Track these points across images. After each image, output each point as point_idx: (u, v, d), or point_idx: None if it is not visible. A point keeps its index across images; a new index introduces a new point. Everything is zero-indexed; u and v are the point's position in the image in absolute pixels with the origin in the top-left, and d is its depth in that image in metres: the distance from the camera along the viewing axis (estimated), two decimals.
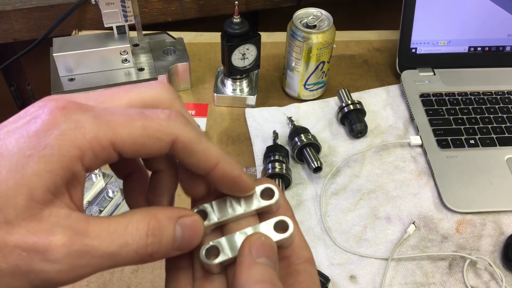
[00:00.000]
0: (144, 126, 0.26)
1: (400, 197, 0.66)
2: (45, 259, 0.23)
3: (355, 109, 0.74)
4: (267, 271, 0.26)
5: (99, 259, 0.24)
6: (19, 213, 0.23)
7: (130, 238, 0.25)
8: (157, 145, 0.26)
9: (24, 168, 0.23)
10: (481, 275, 0.59)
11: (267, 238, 0.28)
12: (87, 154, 0.24)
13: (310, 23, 0.73)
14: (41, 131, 0.24)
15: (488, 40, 0.83)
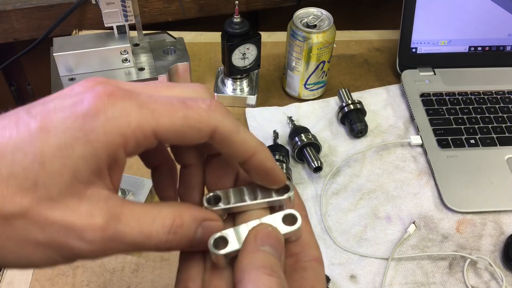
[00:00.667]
0: (185, 116, 0.26)
1: (401, 197, 0.66)
2: (81, 238, 0.25)
3: (355, 109, 0.74)
4: (270, 259, 0.26)
5: (126, 245, 0.26)
6: (63, 191, 0.24)
7: (155, 232, 0.26)
8: (197, 135, 0.27)
9: (71, 149, 0.24)
10: (482, 275, 0.59)
11: (274, 229, 0.28)
12: (130, 142, 0.25)
13: (311, 23, 0.73)
14: (88, 115, 0.25)
15: (489, 39, 0.83)
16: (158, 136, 0.26)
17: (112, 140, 0.25)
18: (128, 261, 0.59)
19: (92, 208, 0.25)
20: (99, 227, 0.25)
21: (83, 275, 0.57)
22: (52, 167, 0.24)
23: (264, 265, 0.26)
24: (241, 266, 0.26)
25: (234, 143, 0.28)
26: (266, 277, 0.25)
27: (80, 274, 0.57)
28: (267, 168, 0.29)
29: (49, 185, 0.24)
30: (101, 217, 0.25)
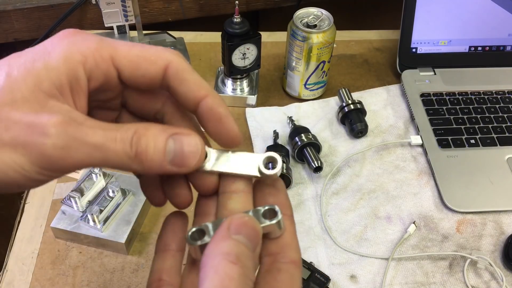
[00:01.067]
0: (141, 50, 0.29)
1: (401, 197, 0.66)
2: (43, 133, 0.25)
3: (355, 109, 0.74)
4: (239, 247, 0.26)
5: (90, 148, 0.26)
6: (25, 95, 0.26)
7: (119, 135, 0.27)
8: (152, 68, 0.29)
9: (34, 64, 0.27)
10: (482, 275, 0.59)
11: (251, 219, 0.27)
12: (88, 61, 0.27)
13: (311, 23, 0.73)
14: (54, 41, 0.28)
15: (489, 39, 0.83)
16: (115, 62, 0.28)
17: (71, 56, 0.27)
18: (128, 261, 0.59)
19: (54, 112, 0.26)
20: (58, 122, 0.25)
21: (83, 275, 0.57)
22: (16, 75, 0.26)
23: (230, 252, 0.25)
24: (206, 251, 0.26)
25: (187, 81, 0.29)
26: (229, 264, 0.25)
27: (80, 274, 0.57)
28: (220, 113, 0.29)
29: (13, 89, 0.26)
30: (62, 117, 0.26)
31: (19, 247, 0.60)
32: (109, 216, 0.59)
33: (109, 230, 0.58)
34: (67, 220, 0.59)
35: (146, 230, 0.62)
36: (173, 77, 0.29)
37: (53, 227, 0.59)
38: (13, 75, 0.26)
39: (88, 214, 0.57)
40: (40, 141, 0.25)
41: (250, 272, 0.25)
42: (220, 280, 0.24)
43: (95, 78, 0.28)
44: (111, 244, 0.58)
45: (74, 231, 0.58)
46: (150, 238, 0.61)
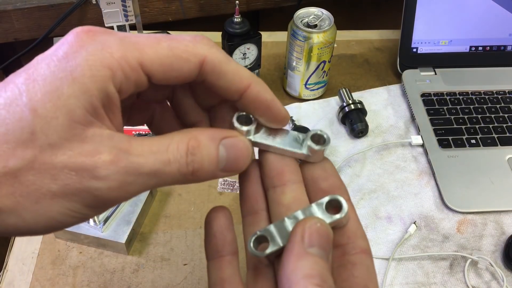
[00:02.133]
0: (170, 47, 0.25)
1: (401, 197, 0.66)
2: (94, 176, 0.23)
3: (356, 109, 0.74)
4: (319, 264, 0.24)
5: (145, 177, 0.24)
6: (62, 134, 0.23)
7: (172, 157, 0.25)
8: (185, 67, 0.26)
9: (59, 90, 0.23)
10: (482, 275, 0.59)
11: (323, 224, 0.25)
12: (117, 74, 0.24)
13: (311, 23, 0.73)
14: (69, 53, 0.24)
15: (490, 39, 0.83)
16: (145, 68, 0.25)
17: (98, 73, 0.24)
18: (128, 261, 0.59)
19: (97, 146, 0.24)
20: (109, 161, 0.24)
21: (83, 275, 0.57)
22: (44, 111, 0.23)
23: (313, 274, 0.23)
24: (287, 273, 0.24)
25: (226, 73, 0.27)
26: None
27: (81, 274, 0.57)
28: (267, 99, 0.28)
29: (46, 130, 0.23)
30: (108, 152, 0.24)
31: (19, 247, 0.60)
32: (109, 216, 0.59)
33: (109, 230, 0.58)
34: None
35: (146, 230, 0.62)
36: (210, 72, 0.26)
37: None
38: (40, 112, 0.23)
39: None
40: (92, 186, 0.23)
41: (332, 284, 0.24)
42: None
43: (125, 89, 0.25)
44: (111, 244, 0.58)
45: (74, 231, 0.58)
46: (151, 238, 0.61)
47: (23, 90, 0.23)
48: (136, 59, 0.25)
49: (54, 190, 0.23)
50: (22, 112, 0.23)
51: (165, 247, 0.60)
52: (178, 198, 0.65)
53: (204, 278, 0.57)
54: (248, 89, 0.27)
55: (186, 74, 0.26)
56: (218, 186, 0.67)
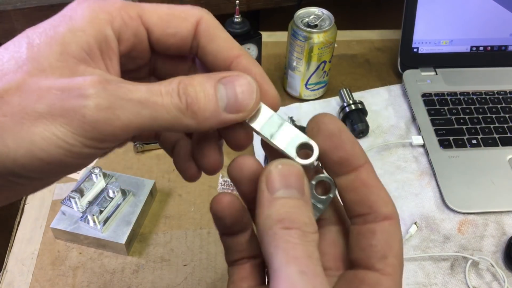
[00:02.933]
0: (169, 7, 0.27)
1: (402, 197, 0.66)
2: (81, 94, 0.22)
3: (356, 109, 0.73)
4: (286, 206, 0.23)
5: (136, 104, 0.23)
6: (53, 63, 0.23)
7: (164, 89, 0.24)
8: (183, 25, 0.27)
9: (57, 28, 0.24)
10: (483, 276, 0.59)
11: (286, 164, 0.25)
12: (116, 19, 0.25)
13: (312, 23, 0.73)
14: (74, 5, 0.25)
15: (491, 39, 0.82)
16: (144, 20, 0.26)
17: (96, 15, 0.24)
18: (128, 262, 0.58)
19: (87, 77, 0.23)
20: (97, 81, 0.23)
21: (83, 276, 0.57)
22: (39, 43, 0.24)
23: (280, 218, 0.23)
24: (259, 226, 0.24)
25: (218, 38, 0.27)
26: (284, 233, 0.23)
27: (80, 275, 0.57)
28: (255, 73, 0.27)
29: (39, 57, 0.23)
30: (98, 78, 0.23)
31: (19, 247, 0.60)
32: (109, 217, 0.58)
33: (109, 230, 0.58)
34: (67, 221, 0.59)
35: (146, 231, 0.62)
36: (204, 33, 0.27)
37: (53, 227, 0.58)
38: (35, 43, 0.23)
39: (88, 214, 0.57)
40: (80, 104, 0.22)
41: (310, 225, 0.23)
42: (285, 254, 0.22)
43: (125, 38, 0.26)
44: (111, 244, 0.58)
45: (74, 232, 0.58)
46: (150, 239, 0.61)
47: (25, 33, 0.25)
48: (135, 11, 0.26)
49: (39, 110, 0.22)
50: (20, 47, 0.24)
51: (165, 248, 0.60)
52: (178, 198, 0.65)
53: (204, 279, 0.57)
54: (237, 59, 0.27)
55: (183, 32, 0.27)
56: (219, 187, 0.67)
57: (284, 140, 0.27)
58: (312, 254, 0.23)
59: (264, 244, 0.23)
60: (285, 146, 0.26)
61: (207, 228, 0.62)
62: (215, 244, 0.60)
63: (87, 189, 0.60)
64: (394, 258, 0.25)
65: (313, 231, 0.23)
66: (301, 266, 0.22)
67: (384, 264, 0.25)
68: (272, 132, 0.27)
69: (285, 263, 0.22)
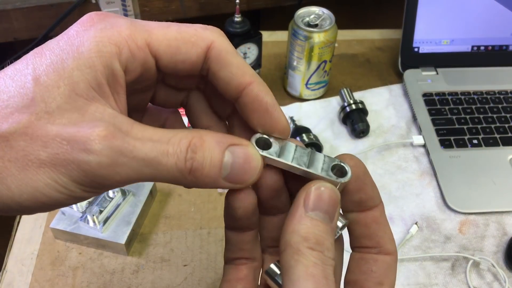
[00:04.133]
0: (179, 31, 0.26)
1: (403, 197, 0.66)
2: (85, 149, 0.22)
3: (357, 109, 0.73)
4: (317, 228, 0.25)
5: (139, 162, 0.23)
6: (61, 104, 0.23)
7: (171, 149, 0.24)
8: (193, 51, 0.25)
9: (64, 62, 0.23)
10: (484, 276, 0.59)
11: (328, 188, 0.26)
12: (123, 52, 0.24)
13: (312, 22, 0.73)
14: (79, 31, 0.24)
15: (492, 39, 0.82)
16: (152, 48, 0.25)
17: (104, 49, 0.24)
18: (128, 262, 0.58)
19: (96, 121, 0.23)
20: (103, 135, 0.22)
21: (83, 276, 0.57)
22: (47, 80, 0.23)
23: (308, 237, 0.24)
24: (285, 236, 0.25)
25: (230, 64, 0.26)
26: (308, 251, 0.24)
27: (80, 275, 0.57)
28: (267, 102, 0.27)
29: (46, 98, 0.23)
30: (105, 128, 0.23)
31: (18, 248, 0.59)
32: (109, 217, 0.58)
33: (109, 231, 0.58)
34: (66, 221, 0.58)
35: (146, 231, 0.61)
36: (215, 59, 0.26)
37: (52, 227, 0.58)
38: (42, 81, 0.23)
39: (88, 214, 0.57)
40: (83, 159, 0.22)
41: (329, 252, 0.25)
42: (305, 269, 0.24)
43: (132, 69, 0.25)
44: (111, 245, 0.58)
45: (74, 232, 0.58)
46: (150, 239, 0.61)
47: (30, 62, 0.24)
48: (143, 39, 0.25)
49: (42, 158, 0.22)
50: (26, 81, 0.23)
51: (165, 248, 0.60)
52: (178, 198, 0.65)
53: (204, 279, 0.57)
54: (249, 86, 0.26)
55: (193, 59, 0.26)
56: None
57: (318, 166, 0.27)
58: (328, 276, 0.24)
59: (285, 254, 0.24)
60: (320, 172, 0.27)
61: (207, 228, 0.62)
62: (215, 244, 0.60)
63: None
64: (388, 287, 0.28)
65: (332, 257, 0.25)
66: (317, 284, 0.23)
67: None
68: (305, 162, 0.27)
69: (303, 277, 0.23)
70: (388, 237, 0.28)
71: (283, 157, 0.27)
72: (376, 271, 0.27)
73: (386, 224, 0.28)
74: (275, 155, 0.26)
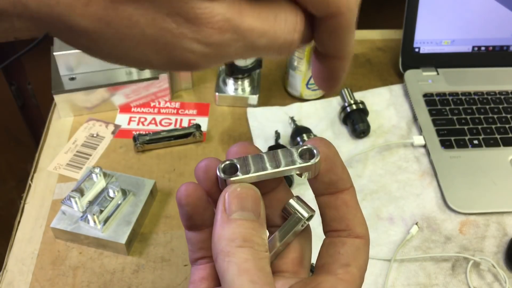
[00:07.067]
0: None
1: (403, 198, 0.66)
2: (197, 39, 0.20)
3: (357, 109, 0.73)
4: (242, 227, 0.25)
5: (245, 48, 0.22)
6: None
7: (279, 31, 0.22)
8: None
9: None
10: (485, 277, 0.59)
11: (244, 187, 0.26)
12: None
13: None
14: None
15: (492, 39, 0.82)
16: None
17: None
18: (128, 262, 0.58)
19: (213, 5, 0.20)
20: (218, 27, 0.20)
21: (83, 275, 0.57)
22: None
23: (234, 237, 0.24)
24: (214, 243, 0.25)
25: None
26: (237, 250, 0.24)
27: (80, 275, 0.57)
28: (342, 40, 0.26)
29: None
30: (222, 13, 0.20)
31: (19, 247, 0.59)
32: (109, 217, 0.58)
33: (109, 230, 0.58)
34: (67, 221, 0.58)
35: (147, 231, 0.61)
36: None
37: (53, 227, 0.58)
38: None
39: (88, 214, 0.57)
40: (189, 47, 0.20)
41: (260, 245, 0.25)
42: (237, 267, 0.24)
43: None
44: (111, 244, 0.58)
45: (74, 232, 0.58)
46: (151, 239, 0.61)
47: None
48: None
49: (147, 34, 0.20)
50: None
51: (166, 248, 0.60)
52: None
53: None
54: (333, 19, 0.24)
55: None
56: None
57: (287, 160, 0.27)
58: (263, 268, 0.24)
59: (218, 261, 0.25)
60: (291, 164, 0.27)
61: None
62: None
63: (87, 189, 0.60)
64: (356, 269, 0.27)
65: (264, 250, 0.25)
66: (252, 276, 0.23)
67: (344, 271, 0.26)
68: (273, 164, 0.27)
69: (237, 275, 0.23)
70: (358, 221, 0.28)
71: (253, 171, 0.27)
72: (343, 254, 0.27)
73: (357, 208, 0.28)
74: (246, 174, 0.27)
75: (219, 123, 0.76)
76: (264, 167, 0.27)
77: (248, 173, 0.27)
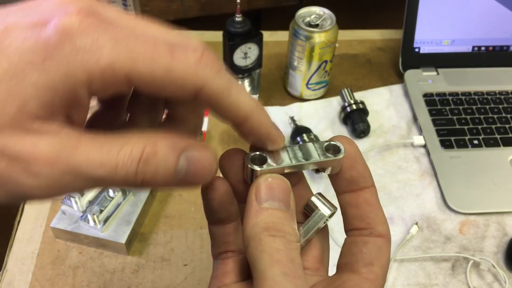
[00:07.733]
0: (168, 68, 0.22)
1: (403, 198, 0.66)
2: (26, 171, 0.21)
3: (357, 109, 0.73)
4: (273, 216, 0.25)
5: (85, 180, 0.22)
6: (6, 122, 0.21)
7: (121, 162, 0.22)
8: (178, 91, 0.23)
9: (23, 74, 0.20)
10: (484, 277, 0.59)
11: (275, 178, 0.26)
12: (95, 82, 0.21)
13: (313, 22, 0.73)
14: (52, 40, 0.21)
15: (492, 39, 0.82)
16: (131, 82, 0.22)
17: (73, 74, 0.21)
18: (128, 262, 0.58)
19: (39, 140, 0.21)
20: (45, 159, 0.21)
21: (83, 275, 0.57)
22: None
23: (267, 226, 0.25)
24: (246, 232, 0.25)
25: (223, 106, 0.24)
26: (270, 239, 0.24)
27: (80, 275, 0.57)
28: (261, 134, 0.27)
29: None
30: (49, 147, 0.21)
31: (18, 247, 0.59)
32: (109, 216, 0.58)
33: (109, 230, 0.58)
34: (67, 220, 0.58)
35: (147, 231, 0.61)
36: (207, 102, 0.24)
37: (53, 227, 0.58)
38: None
39: (88, 214, 0.57)
40: (22, 181, 0.21)
41: (292, 235, 0.25)
42: (270, 257, 0.24)
43: (100, 94, 0.23)
44: (111, 244, 0.58)
45: (74, 231, 0.58)
46: (151, 239, 0.61)
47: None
48: (124, 71, 0.22)
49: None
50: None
51: (165, 248, 0.60)
52: (178, 198, 0.65)
53: (204, 279, 0.57)
54: (245, 122, 0.25)
55: (177, 97, 0.24)
56: None
57: (314, 154, 0.28)
58: (294, 259, 0.24)
59: (250, 248, 0.25)
60: (319, 158, 0.28)
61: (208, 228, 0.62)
62: None
63: None
64: (379, 268, 0.27)
65: (295, 240, 0.25)
66: (284, 268, 0.23)
67: (368, 270, 0.27)
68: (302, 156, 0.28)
69: (269, 265, 0.23)
70: (380, 220, 0.28)
71: (283, 162, 0.27)
72: (366, 252, 0.27)
73: (378, 207, 0.28)
74: (276, 165, 0.27)
75: (219, 123, 0.76)
76: (292, 159, 0.28)
77: (278, 165, 0.27)
